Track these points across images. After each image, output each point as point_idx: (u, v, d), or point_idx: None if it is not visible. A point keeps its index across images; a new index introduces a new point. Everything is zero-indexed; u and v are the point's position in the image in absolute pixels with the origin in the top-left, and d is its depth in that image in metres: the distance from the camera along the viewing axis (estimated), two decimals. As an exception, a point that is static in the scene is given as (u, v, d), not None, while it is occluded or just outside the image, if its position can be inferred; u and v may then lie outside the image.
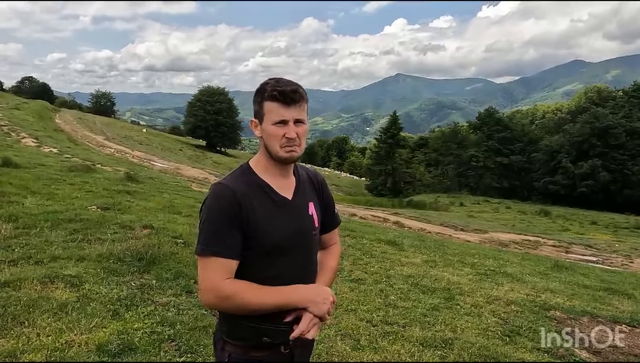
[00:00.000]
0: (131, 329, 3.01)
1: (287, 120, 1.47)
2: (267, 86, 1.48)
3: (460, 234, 14.37)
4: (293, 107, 1.47)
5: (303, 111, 1.50)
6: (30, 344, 2.71)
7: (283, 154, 1.49)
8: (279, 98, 1.45)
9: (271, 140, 1.49)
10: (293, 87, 1.47)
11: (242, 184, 1.49)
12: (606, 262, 11.71)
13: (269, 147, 1.51)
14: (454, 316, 4.16)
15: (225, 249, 1.43)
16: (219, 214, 1.44)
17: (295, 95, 1.47)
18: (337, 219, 1.81)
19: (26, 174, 9.18)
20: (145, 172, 15.75)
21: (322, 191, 1.72)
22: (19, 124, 25.30)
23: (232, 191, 1.46)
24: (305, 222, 1.59)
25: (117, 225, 5.77)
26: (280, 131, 1.47)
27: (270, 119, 1.47)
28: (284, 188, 1.57)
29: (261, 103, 1.49)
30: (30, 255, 4.22)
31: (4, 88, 72.49)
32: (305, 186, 1.65)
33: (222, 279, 1.42)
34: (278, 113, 1.46)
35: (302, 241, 1.57)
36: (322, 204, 1.71)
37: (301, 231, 1.57)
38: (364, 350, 3.21)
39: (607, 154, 41.27)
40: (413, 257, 6.73)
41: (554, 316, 4.65)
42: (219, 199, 1.46)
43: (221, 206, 1.45)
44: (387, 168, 50.94)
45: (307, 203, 1.62)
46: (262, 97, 1.49)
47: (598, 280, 6.94)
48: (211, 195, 1.48)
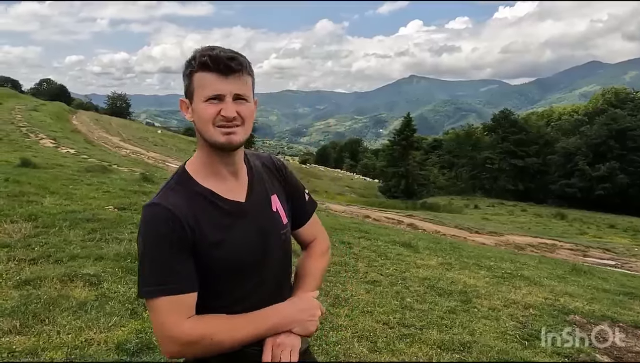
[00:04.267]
0: (149, 328, 3.03)
1: (224, 95, 1.15)
2: (197, 53, 1.17)
3: (475, 236, 14.23)
4: (231, 78, 1.15)
5: (245, 85, 1.18)
6: (51, 342, 2.75)
7: (219, 138, 1.16)
8: (212, 67, 1.14)
9: (203, 122, 1.16)
10: (230, 54, 1.16)
11: (179, 199, 1.17)
12: (625, 266, 11.49)
13: (202, 132, 1.18)
14: (471, 320, 4.11)
15: (176, 283, 1.12)
16: (160, 242, 1.13)
17: (233, 62, 1.15)
18: (311, 205, 1.47)
19: (45, 174, 9.34)
20: (160, 173, 15.88)
21: (284, 177, 1.41)
22: (37, 126, 25.75)
23: (168, 210, 1.14)
24: (269, 224, 1.30)
25: (134, 225, 5.82)
26: (214, 108, 1.15)
27: (202, 94, 1.15)
28: (234, 188, 1.26)
29: (190, 76, 1.17)
30: (49, 253, 4.29)
31: (22, 90, 73.86)
32: (261, 176, 1.34)
33: (182, 321, 1.11)
34: (212, 87, 1.14)
35: (270, 248, 1.28)
36: (288, 192, 1.40)
37: (265, 236, 1.27)
38: (381, 352, 3.19)
39: (625, 157, 40.61)
40: (428, 259, 6.68)
41: (573, 320, 4.57)
42: (156, 224, 1.14)
43: (160, 231, 1.13)
44: (401, 170, 50.72)
45: (267, 198, 1.32)
46: (192, 68, 1.16)
47: (618, 284, 6.81)
48: (144, 221, 1.16)
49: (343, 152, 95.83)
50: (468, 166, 52.61)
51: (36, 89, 77.66)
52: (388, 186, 51.54)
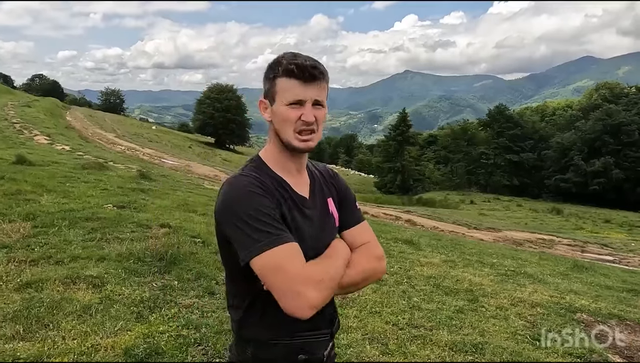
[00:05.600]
0: (156, 332, 2.96)
1: (305, 100, 1.22)
2: (282, 60, 1.23)
3: (473, 232, 14.22)
4: (312, 85, 1.22)
5: (323, 91, 1.26)
6: (56, 348, 2.66)
7: (297, 144, 1.24)
8: (296, 74, 1.20)
9: (284, 125, 1.23)
10: (313, 63, 1.22)
11: (262, 177, 1.25)
12: (623, 262, 11.52)
13: (280, 133, 1.25)
14: (480, 319, 4.07)
15: (289, 233, 1.18)
16: (260, 201, 1.18)
17: (316, 71, 1.22)
18: (358, 215, 1.47)
19: (41, 172, 9.19)
20: (156, 170, 15.74)
21: (336, 185, 1.46)
22: (31, 122, 25.43)
23: (260, 180, 1.22)
24: (327, 223, 1.36)
25: (134, 224, 5.73)
26: (295, 113, 1.22)
27: (284, 98, 1.22)
28: (300, 184, 1.33)
29: (273, 80, 1.24)
30: (50, 254, 4.19)
31: (14, 86, 73.16)
32: (319, 180, 1.41)
33: (304, 265, 1.16)
34: (294, 92, 1.21)
35: (325, 246, 1.32)
36: (339, 198, 1.44)
37: (323, 234, 1.33)
38: (393, 354, 3.13)
39: (619, 152, 40.86)
40: (431, 257, 6.63)
41: (580, 319, 4.54)
42: (251, 187, 1.20)
43: (256, 192, 1.19)
44: (397, 166, 50.73)
45: (325, 200, 1.39)
46: (275, 73, 1.23)
47: (620, 281, 6.81)
48: (237, 188, 1.21)
49: (338, 147, 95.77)
50: (463, 162, 52.69)
51: (28, 84, 76.97)
52: (384, 182, 51.55)
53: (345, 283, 1.25)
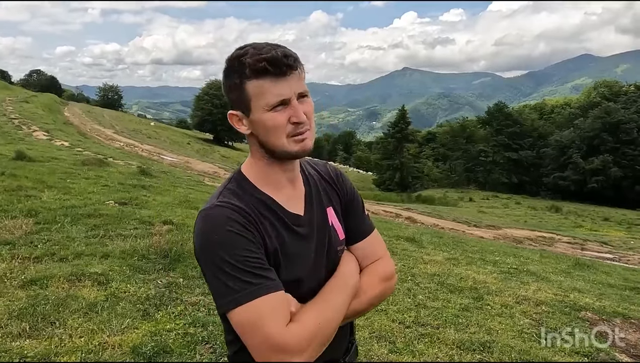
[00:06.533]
0: (164, 330, 2.93)
1: (289, 98, 1.02)
2: (246, 58, 1.01)
3: (473, 230, 14.22)
4: (291, 77, 1.02)
5: (302, 79, 1.06)
6: (63, 346, 2.64)
7: (294, 148, 1.05)
8: (270, 70, 0.99)
9: (272, 133, 1.04)
10: (282, 50, 1.02)
11: (243, 203, 1.06)
12: (623, 260, 11.55)
13: (268, 144, 1.06)
14: (485, 317, 4.06)
15: (272, 280, 1.00)
16: (239, 240, 1.00)
17: (290, 60, 1.02)
18: (368, 224, 1.28)
19: (41, 168, 9.16)
20: (156, 166, 15.70)
21: (340, 188, 1.26)
22: (29, 117, 25.36)
23: (240, 208, 1.03)
24: (326, 240, 1.17)
25: (137, 221, 5.71)
26: (282, 116, 1.02)
27: (264, 103, 1.02)
28: (293, 198, 1.15)
29: (241, 85, 1.03)
30: (53, 251, 4.16)
31: (12, 81, 72.83)
32: (317, 187, 1.22)
33: (285, 326, 0.97)
34: (274, 92, 1.01)
35: (324, 265, 1.16)
36: (344, 204, 1.25)
37: (322, 253, 1.15)
38: (402, 353, 3.11)
39: (618, 150, 40.92)
40: (434, 255, 6.62)
41: (585, 317, 4.53)
42: (229, 222, 1.01)
43: (236, 228, 1.00)
44: (395, 163, 50.73)
45: (324, 211, 1.20)
46: (242, 76, 1.02)
47: (621, 279, 6.81)
48: (213, 223, 1.01)
49: (336, 144, 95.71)
50: (462, 159, 52.72)
51: (26, 80, 76.58)
52: (382, 179, 51.56)
53: (348, 316, 1.11)
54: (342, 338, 1.20)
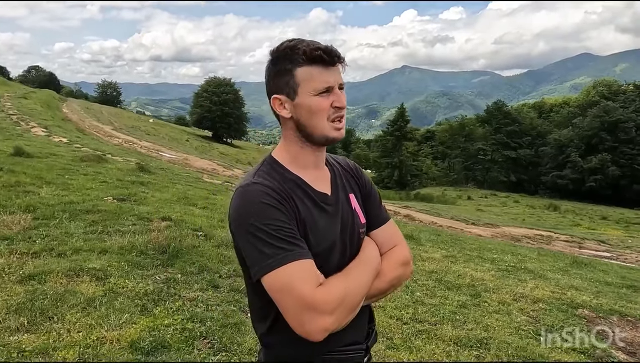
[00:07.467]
0: (162, 325, 2.94)
1: (333, 86, 1.14)
2: (300, 46, 1.12)
3: (472, 228, 14.25)
4: (335, 69, 1.15)
5: (341, 73, 1.18)
6: (62, 340, 2.64)
7: (334, 134, 1.16)
8: (325, 58, 1.12)
9: (316, 116, 1.14)
10: (330, 45, 1.14)
11: (275, 181, 1.15)
12: (620, 258, 11.57)
13: (310, 127, 1.15)
14: (483, 314, 4.07)
15: (304, 248, 1.08)
16: (273, 212, 1.08)
17: (338, 53, 1.14)
18: (385, 213, 1.37)
19: (39, 164, 9.14)
20: (155, 163, 15.67)
21: (360, 178, 1.36)
22: (27, 114, 25.26)
23: (274, 187, 1.12)
24: (351, 220, 1.25)
25: (135, 217, 5.71)
26: (326, 101, 1.13)
27: (312, 87, 1.12)
28: (320, 179, 1.24)
29: (292, 71, 1.13)
30: (52, 247, 4.16)
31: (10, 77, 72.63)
32: (340, 175, 1.31)
33: (316, 286, 1.05)
34: (322, 79, 1.12)
35: (349, 243, 1.23)
36: (363, 194, 1.35)
37: (347, 231, 1.22)
38: (399, 349, 3.12)
39: (616, 149, 41.02)
40: (432, 252, 6.64)
41: (582, 314, 4.55)
42: (264, 196, 1.10)
43: (270, 202, 1.09)
44: (394, 161, 50.79)
45: (347, 195, 1.29)
46: (294, 63, 1.12)
47: (619, 277, 6.84)
48: (248, 199, 1.10)
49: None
50: (461, 157, 52.79)
51: (24, 76, 76.36)
52: (381, 177, 51.62)
53: (371, 295, 1.18)
54: (363, 321, 1.26)
